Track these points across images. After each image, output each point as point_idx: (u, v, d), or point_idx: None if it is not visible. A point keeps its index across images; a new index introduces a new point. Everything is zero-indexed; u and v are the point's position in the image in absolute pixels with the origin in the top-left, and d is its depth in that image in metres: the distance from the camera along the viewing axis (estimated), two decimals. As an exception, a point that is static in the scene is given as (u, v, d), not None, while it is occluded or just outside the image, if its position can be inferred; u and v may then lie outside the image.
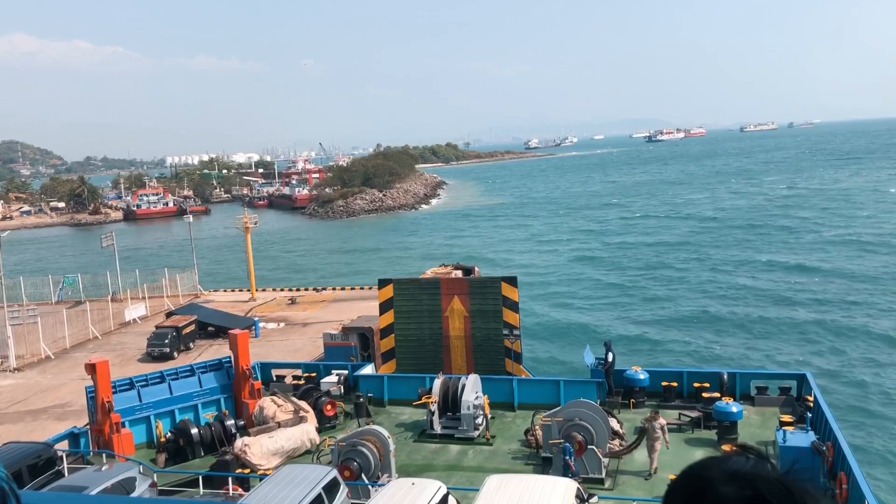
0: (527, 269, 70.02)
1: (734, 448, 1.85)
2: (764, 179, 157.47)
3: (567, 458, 19.44)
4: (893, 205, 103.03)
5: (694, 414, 23.61)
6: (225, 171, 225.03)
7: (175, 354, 41.07)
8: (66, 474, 20.22)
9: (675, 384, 25.75)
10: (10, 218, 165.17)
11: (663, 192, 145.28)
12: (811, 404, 22.69)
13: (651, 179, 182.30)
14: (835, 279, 60.37)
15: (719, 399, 23.19)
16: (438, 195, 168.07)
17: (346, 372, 29.03)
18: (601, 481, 19.90)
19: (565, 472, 19.08)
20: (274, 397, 25.69)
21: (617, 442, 21.43)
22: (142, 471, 20.14)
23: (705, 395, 24.30)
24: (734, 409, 22.21)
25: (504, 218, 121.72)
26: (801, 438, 19.07)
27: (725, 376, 25.21)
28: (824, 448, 18.64)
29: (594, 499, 16.95)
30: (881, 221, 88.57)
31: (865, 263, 65.72)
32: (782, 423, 21.21)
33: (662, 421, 20.50)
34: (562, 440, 19.96)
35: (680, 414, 23.98)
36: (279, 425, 23.78)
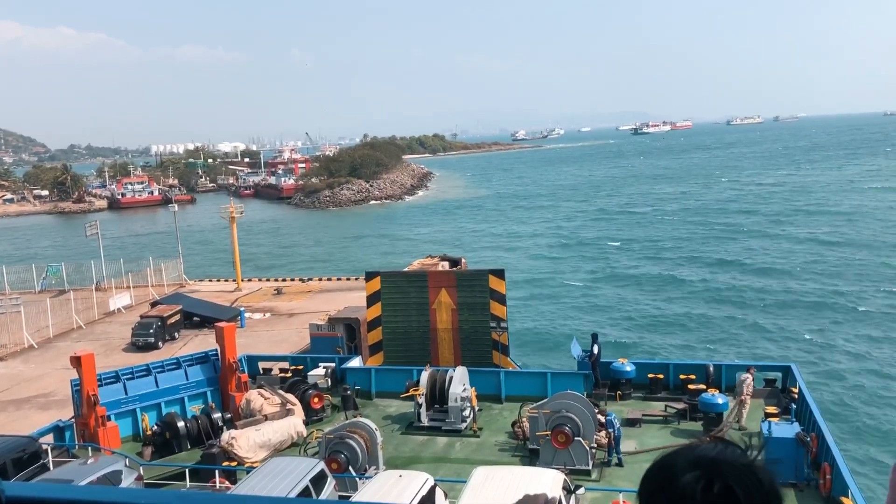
0: (514, 262, 70.14)
1: (708, 438, 1.86)
2: (745, 173, 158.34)
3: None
4: (873, 199, 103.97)
5: (680, 406, 23.77)
6: (210, 161, 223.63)
7: (160, 344, 40.84)
8: (52, 468, 20.08)
9: (661, 376, 25.91)
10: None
11: (644, 186, 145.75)
12: (796, 396, 22.91)
13: (631, 173, 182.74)
14: (819, 273, 60.89)
15: (705, 391, 23.38)
16: (425, 186, 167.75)
17: (333, 364, 28.98)
18: (588, 472, 20.01)
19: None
20: (261, 390, 25.60)
21: (603, 433, 21.51)
22: (128, 464, 20.02)
23: (691, 387, 24.46)
24: (720, 401, 22.40)
25: (490, 210, 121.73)
26: (785, 430, 19.23)
27: (711, 368, 25.44)
28: (808, 439, 18.81)
29: (581, 490, 17.02)
30: (862, 216, 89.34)
31: (850, 257, 66.31)
32: (767, 415, 21.38)
33: (745, 377, 22.50)
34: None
35: (666, 406, 24.13)
36: (266, 418, 23.71)
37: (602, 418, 21.19)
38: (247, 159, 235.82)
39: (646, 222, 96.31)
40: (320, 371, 28.60)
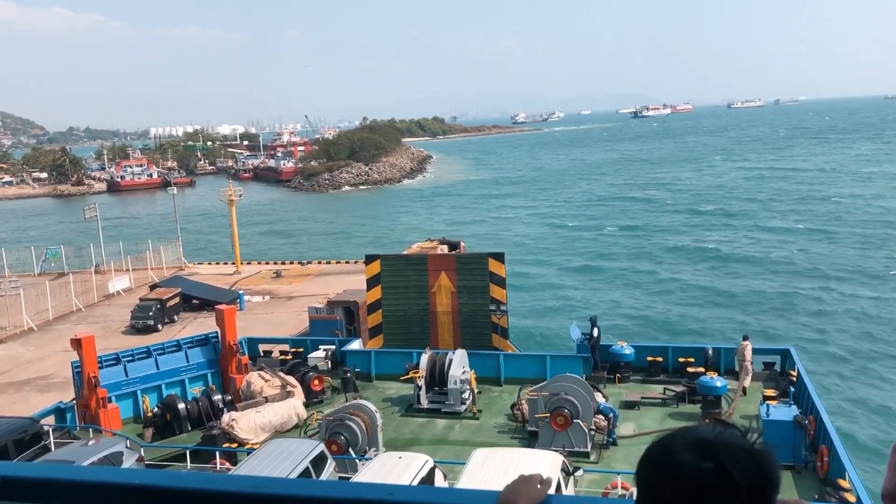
0: (513, 245, 70.10)
1: (707, 420, 1.86)
2: (745, 157, 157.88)
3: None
4: (873, 183, 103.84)
5: (679, 388, 23.85)
6: (209, 143, 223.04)
7: (159, 327, 40.85)
8: (53, 449, 20.17)
9: (660, 359, 25.97)
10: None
11: (641, 170, 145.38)
12: (794, 379, 22.99)
13: (626, 157, 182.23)
14: (819, 256, 60.90)
15: (704, 374, 23.45)
16: (425, 169, 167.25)
17: (333, 347, 29.04)
18: (586, 455, 20.11)
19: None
20: (261, 372, 25.65)
21: (601, 417, 21.58)
22: (129, 445, 20.11)
23: (690, 369, 24.52)
24: (718, 384, 22.45)
25: (489, 194, 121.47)
26: (783, 412, 19.29)
27: (710, 351, 25.48)
28: (807, 422, 18.88)
29: (579, 472, 17.10)
30: (863, 199, 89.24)
31: (849, 241, 66.30)
32: (766, 398, 21.46)
33: (745, 343, 23.71)
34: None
35: (665, 388, 24.20)
36: (266, 400, 23.78)
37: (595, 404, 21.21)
38: (246, 142, 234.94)
39: (640, 208, 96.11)
40: (320, 353, 28.67)
